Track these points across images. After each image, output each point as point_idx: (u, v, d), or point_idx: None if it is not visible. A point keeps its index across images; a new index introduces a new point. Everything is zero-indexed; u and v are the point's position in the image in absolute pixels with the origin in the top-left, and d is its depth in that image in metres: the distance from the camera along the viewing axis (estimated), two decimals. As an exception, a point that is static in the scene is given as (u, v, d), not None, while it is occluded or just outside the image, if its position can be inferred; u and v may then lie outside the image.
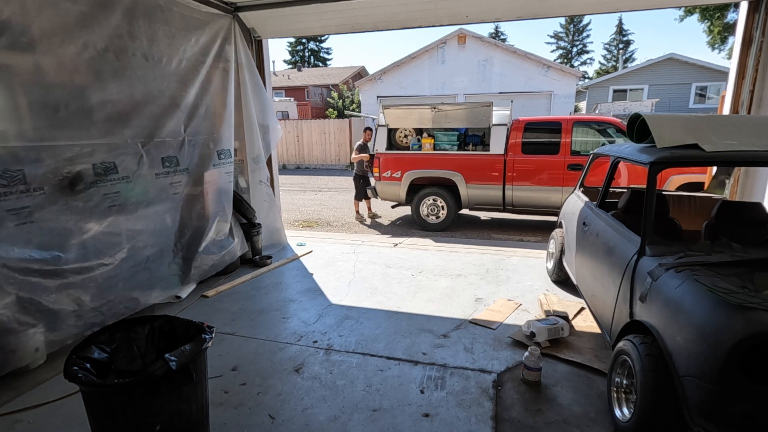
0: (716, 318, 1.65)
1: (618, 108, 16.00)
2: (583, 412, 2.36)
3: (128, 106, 3.43)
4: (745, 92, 4.19)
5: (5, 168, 2.64)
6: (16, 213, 2.70)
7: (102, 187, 3.24)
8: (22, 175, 2.72)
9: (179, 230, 4.03)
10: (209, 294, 4.08)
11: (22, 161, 2.73)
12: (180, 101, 3.94)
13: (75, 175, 3.04)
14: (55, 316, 2.91)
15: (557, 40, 42.20)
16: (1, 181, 2.61)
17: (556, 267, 4.13)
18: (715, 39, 20.39)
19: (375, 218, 8.22)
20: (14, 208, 2.69)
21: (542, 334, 3.00)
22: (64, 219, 2.98)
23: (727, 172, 4.35)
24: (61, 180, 2.95)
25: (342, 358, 2.98)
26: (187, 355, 1.77)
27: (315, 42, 43.25)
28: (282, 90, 27.01)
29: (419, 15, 4.81)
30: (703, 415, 1.65)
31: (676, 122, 2.53)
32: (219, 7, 4.48)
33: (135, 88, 3.47)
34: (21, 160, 2.72)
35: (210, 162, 4.37)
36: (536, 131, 6.66)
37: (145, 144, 3.59)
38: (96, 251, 3.21)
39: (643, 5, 4.54)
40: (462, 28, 16.65)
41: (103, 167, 3.25)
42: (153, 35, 3.61)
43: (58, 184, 2.94)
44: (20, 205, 2.72)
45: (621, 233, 2.62)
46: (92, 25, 3.11)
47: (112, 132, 3.30)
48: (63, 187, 2.97)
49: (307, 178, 14.65)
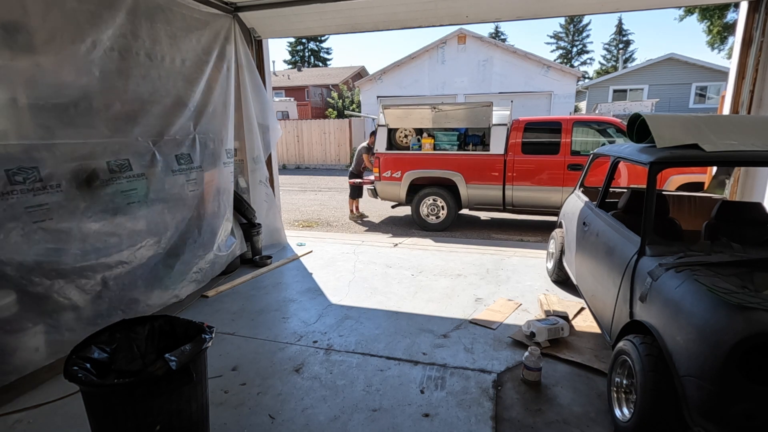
0: (716, 318, 1.65)
1: (618, 108, 16.00)
2: (583, 412, 2.36)
3: (136, 104, 3.43)
4: (745, 92, 4.18)
5: (20, 165, 2.63)
6: (33, 210, 2.68)
7: (119, 184, 3.24)
8: (37, 172, 2.71)
9: (197, 228, 4.04)
10: (209, 294, 4.08)
11: (35, 159, 2.71)
12: (187, 100, 3.95)
13: (91, 172, 3.04)
14: (61, 315, 2.90)
15: (557, 40, 42.23)
16: (17, 179, 2.60)
17: (556, 267, 4.13)
18: (715, 39, 20.40)
19: (363, 217, 8.24)
20: (31, 205, 2.67)
21: (542, 334, 3.00)
22: (81, 217, 2.97)
23: (727, 172, 4.35)
24: (76, 177, 2.95)
25: (342, 358, 2.98)
26: (187, 355, 1.77)
27: (315, 42, 43.26)
28: (282, 90, 27.01)
29: (419, 15, 4.81)
30: (703, 415, 1.65)
31: (676, 122, 2.53)
32: (219, 7, 4.48)
33: (142, 87, 3.48)
34: (34, 158, 2.71)
35: (220, 160, 4.39)
36: (536, 131, 6.66)
37: (156, 142, 3.60)
38: (112, 249, 3.20)
39: (643, 5, 4.54)
40: (462, 28, 16.66)
41: (117, 164, 3.25)
42: (156, 34, 3.61)
43: (74, 182, 2.94)
44: (37, 203, 2.70)
45: (621, 233, 2.62)
46: (99, 24, 3.11)
47: (121, 130, 3.30)
48: (80, 184, 2.97)
49: (307, 178, 14.66)
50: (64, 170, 2.87)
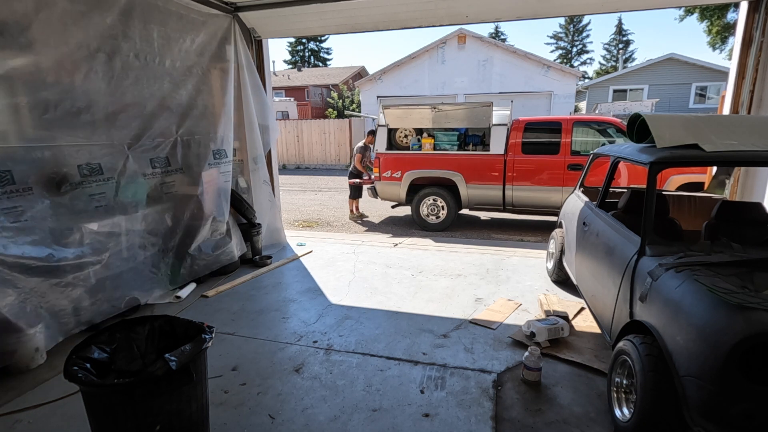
0: (716, 318, 1.65)
1: (618, 108, 15.99)
2: (583, 412, 2.36)
3: (117, 107, 3.43)
4: (745, 92, 4.19)
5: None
6: (8, 212, 2.74)
7: (87, 188, 3.26)
8: (11, 175, 2.76)
9: (172, 229, 4.05)
10: (209, 294, 4.08)
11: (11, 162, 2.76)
12: (171, 102, 3.94)
13: (62, 176, 3.08)
14: (52, 315, 2.92)
15: (557, 40, 42.22)
16: None
17: (556, 267, 4.13)
18: (715, 39, 20.41)
19: (363, 218, 8.24)
20: (6, 207, 2.74)
21: (542, 334, 3.00)
22: (54, 218, 3.01)
23: (727, 172, 4.35)
24: (48, 180, 2.99)
25: (342, 358, 2.98)
26: (187, 355, 1.77)
27: (315, 42, 43.25)
28: (282, 90, 27.01)
29: (419, 15, 4.81)
30: (703, 415, 1.65)
31: (676, 122, 2.53)
32: (219, 7, 4.48)
33: (125, 90, 3.47)
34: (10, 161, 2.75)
35: (205, 162, 4.36)
36: (536, 131, 6.66)
37: (131, 146, 3.60)
38: (89, 250, 3.22)
39: (643, 5, 4.54)
40: (462, 28, 16.65)
41: (89, 168, 3.27)
42: (148, 35, 3.60)
43: (46, 185, 2.97)
44: (11, 205, 2.76)
45: (621, 233, 2.62)
46: (87, 25, 3.11)
47: (98, 133, 3.31)
48: (50, 187, 3.01)
49: (307, 178, 14.65)
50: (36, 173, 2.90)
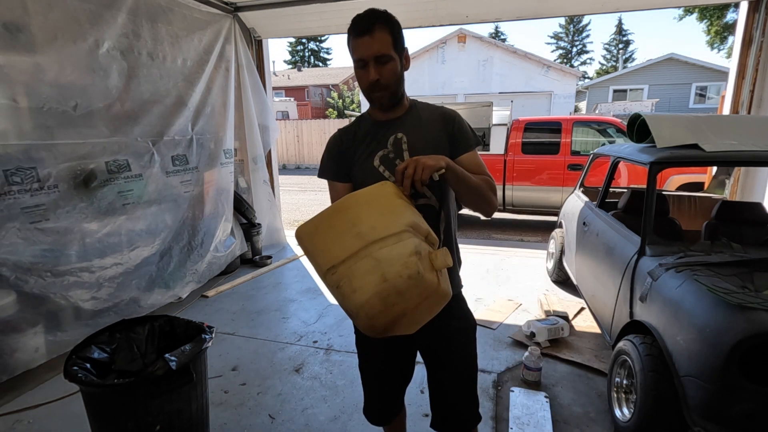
0: (716, 318, 1.65)
1: (618, 108, 15.98)
2: (583, 412, 2.36)
3: (137, 104, 3.43)
4: (745, 92, 4.18)
5: (18, 166, 2.62)
6: (30, 211, 2.68)
7: (116, 185, 3.24)
8: (36, 172, 2.71)
9: (192, 229, 4.04)
10: (209, 294, 4.08)
11: (34, 159, 2.71)
12: (187, 100, 3.95)
13: (89, 172, 3.04)
14: (58, 315, 2.90)
15: (557, 40, 42.17)
16: (15, 179, 2.60)
17: (556, 267, 4.13)
18: (715, 39, 20.40)
19: None
20: (28, 206, 2.67)
21: (542, 334, 3.00)
22: (79, 217, 2.97)
23: (727, 172, 4.35)
24: (74, 177, 2.95)
25: (342, 358, 2.97)
26: (187, 355, 1.77)
27: (315, 42, 43.21)
28: (282, 90, 27.01)
29: (419, 15, 4.81)
30: (703, 415, 1.65)
31: (676, 122, 2.53)
32: (219, 7, 4.48)
33: (142, 87, 3.48)
34: (33, 158, 2.71)
35: (217, 161, 4.39)
36: (536, 131, 6.65)
37: (156, 142, 3.60)
38: (108, 250, 3.19)
39: (643, 5, 4.54)
40: (462, 28, 16.64)
41: (116, 165, 3.26)
42: (157, 34, 3.62)
43: (72, 182, 2.94)
44: (34, 203, 2.70)
45: (621, 233, 2.62)
46: (100, 24, 3.11)
47: (121, 130, 3.30)
48: (77, 184, 2.97)
49: (307, 178, 14.64)
50: (62, 170, 2.86)
